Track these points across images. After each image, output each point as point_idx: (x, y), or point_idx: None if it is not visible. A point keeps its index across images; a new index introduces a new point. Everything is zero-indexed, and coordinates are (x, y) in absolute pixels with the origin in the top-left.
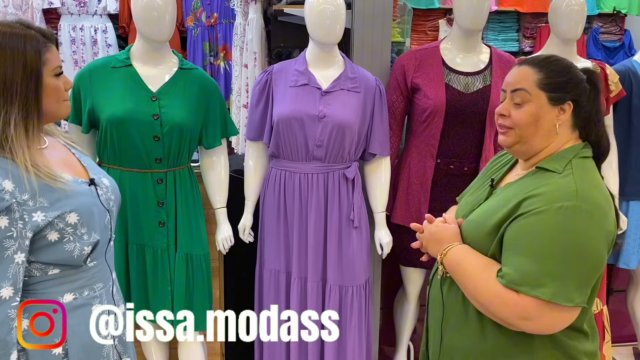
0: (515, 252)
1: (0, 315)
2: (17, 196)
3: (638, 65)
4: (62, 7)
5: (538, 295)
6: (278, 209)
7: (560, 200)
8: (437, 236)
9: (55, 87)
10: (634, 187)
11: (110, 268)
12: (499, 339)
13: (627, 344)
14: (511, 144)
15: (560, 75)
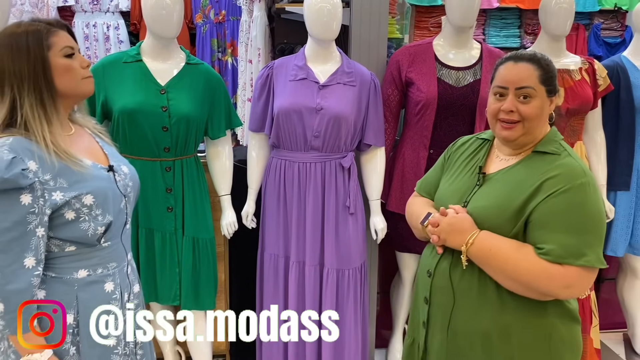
0: (552, 229)
1: (25, 282)
2: (39, 176)
3: (627, 61)
4: (76, 5)
5: (583, 264)
6: (278, 196)
7: (576, 178)
8: (457, 227)
9: (66, 65)
10: (622, 178)
11: (125, 249)
12: (517, 313)
13: (617, 330)
14: (517, 137)
15: (552, 70)
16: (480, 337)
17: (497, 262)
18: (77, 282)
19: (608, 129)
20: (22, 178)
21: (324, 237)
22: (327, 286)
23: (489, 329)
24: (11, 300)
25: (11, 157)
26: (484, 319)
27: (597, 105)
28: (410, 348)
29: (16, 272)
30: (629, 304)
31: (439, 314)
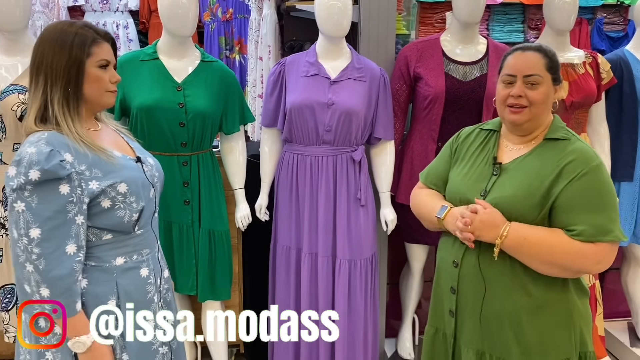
0: (580, 211)
1: (67, 268)
2: (75, 166)
3: (629, 54)
4: (86, 5)
5: (612, 239)
6: (290, 190)
7: (591, 161)
8: (490, 222)
9: (97, 76)
10: (625, 169)
11: (155, 236)
12: (545, 292)
13: (621, 319)
14: (525, 121)
15: (556, 60)
16: (510, 319)
17: (532, 250)
18: (115, 270)
19: (611, 121)
20: (60, 169)
21: (335, 228)
22: (339, 277)
23: (518, 310)
24: (56, 286)
25: (49, 149)
26: (513, 302)
27: (600, 98)
28: (434, 337)
29: (59, 258)
30: (633, 292)
31: (470, 301)
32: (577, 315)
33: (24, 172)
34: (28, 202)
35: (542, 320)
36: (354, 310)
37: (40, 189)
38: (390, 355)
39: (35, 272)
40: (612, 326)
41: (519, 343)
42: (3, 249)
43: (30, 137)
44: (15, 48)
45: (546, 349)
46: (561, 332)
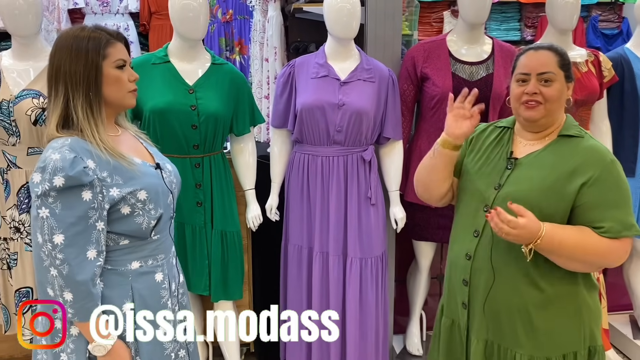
0: (603, 208)
1: (89, 273)
2: (97, 173)
3: (630, 52)
4: (86, 7)
5: (634, 233)
6: (302, 190)
7: (606, 157)
8: (529, 231)
9: (115, 77)
10: (627, 165)
11: (172, 241)
12: (555, 287)
13: (624, 312)
14: (540, 117)
15: (567, 59)
16: (519, 311)
17: (565, 252)
18: (131, 273)
19: (613, 118)
20: (84, 175)
21: (347, 227)
22: (350, 275)
23: (527, 303)
24: (79, 290)
25: (73, 155)
26: (522, 295)
27: (602, 96)
28: (451, 329)
29: (81, 264)
30: (635, 286)
31: (480, 293)
32: (586, 309)
33: (49, 178)
34: (52, 208)
35: (551, 314)
36: (365, 308)
37: (64, 195)
38: (399, 352)
39: (59, 276)
40: (615, 319)
41: (527, 335)
42: (18, 253)
43: (52, 143)
44: (27, 53)
45: (555, 342)
46: (570, 326)
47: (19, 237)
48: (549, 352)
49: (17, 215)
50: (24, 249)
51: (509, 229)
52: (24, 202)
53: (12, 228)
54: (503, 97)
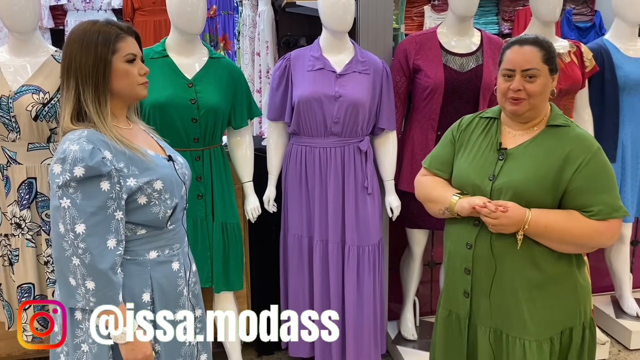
0: (593, 193)
1: (110, 262)
2: (115, 164)
3: (609, 43)
4: (69, 4)
5: (623, 214)
6: (300, 181)
7: (592, 145)
8: (512, 219)
9: (125, 70)
10: (608, 151)
11: (185, 231)
12: (554, 268)
13: (605, 293)
14: (524, 111)
15: (553, 51)
16: (522, 293)
17: (554, 235)
18: (149, 263)
19: (594, 106)
20: (103, 165)
21: (344, 216)
22: (348, 262)
23: (529, 285)
24: (101, 279)
25: (91, 146)
26: (525, 277)
27: (584, 85)
28: (448, 319)
29: (103, 252)
30: (616, 267)
31: (483, 281)
32: (580, 286)
33: (69, 169)
34: (73, 199)
35: (551, 293)
36: (362, 294)
37: (84, 185)
38: (394, 337)
39: (81, 265)
40: (597, 300)
41: (532, 317)
42: (19, 249)
43: (69, 135)
44: (24, 48)
45: (554, 320)
46: (568, 304)
47: (20, 233)
48: (552, 331)
49: (17, 212)
50: (25, 245)
51: (493, 220)
52: (24, 198)
53: (13, 224)
54: (492, 87)
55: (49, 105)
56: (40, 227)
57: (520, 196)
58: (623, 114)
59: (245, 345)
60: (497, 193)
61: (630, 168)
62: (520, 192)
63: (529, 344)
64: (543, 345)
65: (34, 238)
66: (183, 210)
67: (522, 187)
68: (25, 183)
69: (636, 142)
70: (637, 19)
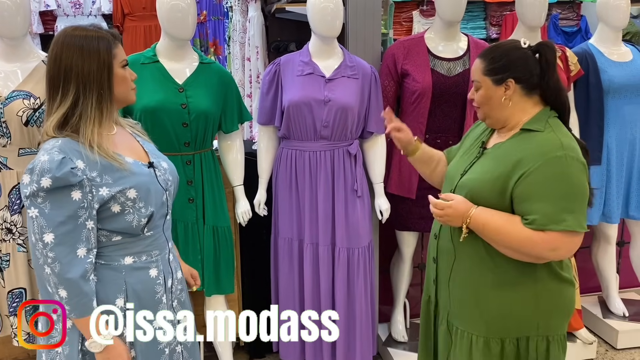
0: (533, 201)
1: (80, 270)
2: (87, 173)
3: (593, 48)
4: (58, 9)
5: (564, 229)
6: (290, 184)
7: (550, 152)
8: (455, 213)
9: (123, 76)
10: (594, 154)
11: (167, 238)
12: (509, 272)
13: (592, 293)
14: (482, 118)
15: (497, 61)
16: (474, 291)
17: (491, 235)
18: (124, 268)
19: (580, 110)
20: (71, 176)
21: (334, 219)
22: (339, 264)
23: (482, 285)
24: (72, 287)
25: (61, 157)
26: (478, 276)
27: (570, 89)
28: (427, 305)
29: (72, 261)
30: (603, 268)
31: (444, 270)
32: (546, 300)
33: (37, 179)
34: (41, 208)
35: (504, 298)
36: (353, 296)
37: (53, 195)
38: (384, 339)
39: (52, 274)
40: (585, 300)
41: (480, 315)
42: (10, 254)
43: (45, 145)
44: (14, 54)
45: (507, 324)
46: (523, 310)
47: (11, 238)
48: (502, 334)
49: (8, 217)
50: (16, 250)
51: (438, 210)
52: (15, 203)
53: (4, 229)
54: None
55: (39, 111)
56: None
57: (473, 195)
58: (608, 117)
59: (237, 348)
60: (458, 188)
61: (615, 170)
62: (473, 191)
63: (476, 339)
64: (491, 344)
65: (25, 243)
66: (164, 217)
67: (475, 186)
68: (16, 188)
69: (621, 145)
70: (620, 24)
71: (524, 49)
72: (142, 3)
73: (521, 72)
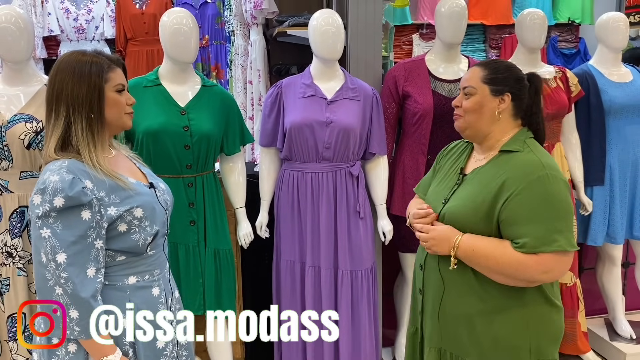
0: (521, 224)
1: (91, 290)
2: (95, 193)
3: (593, 69)
4: (62, 35)
5: (556, 249)
6: (292, 206)
7: (533, 173)
8: (442, 236)
9: (115, 100)
10: (596, 174)
11: (166, 257)
12: (498, 299)
13: (598, 315)
14: (462, 128)
15: (500, 73)
16: (466, 322)
17: (481, 261)
18: (128, 288)
19: (581, 130)
20: (83, 195)
21: (337, 241)
22: (342, 287)
23: (472, 314)
24: (84, 307)
25: (71, 177)
26: (468, 305)
27: (571, 110)
28: (414, 336)
29: (83, 281)
30: (609, 289)
31: (430, 302)
32: (536, 324)
33: (49, 199)
34: (53, 228)
35: (495, 325)
36: (357, 320)
37: (64, 215)
38: None
39: (64, 294)
40: (591, 323)
41: (472, 344)
42: (10, 278)
43: (49, 165)
44: (18, 78)
45: (499, 351)
46: (515, 338)
47: (11, 262)
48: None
49: (9, 240)
50: (16, 274)
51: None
52: (16, 227)
53: (4, 253)
54: None
55: (41, 134)
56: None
57: (457, 222)
58: (609, 137)
59: None
60: (442, 217)
61: (619, 191)
62: (458, 218)
63: None
64: None
65: (26, 267)
66: (164, 236)
67: (459, 213)
68: (17, 212)
69: (623, 165)
70: (620, 46)
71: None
72: (144, 28)
73: (518, 90)
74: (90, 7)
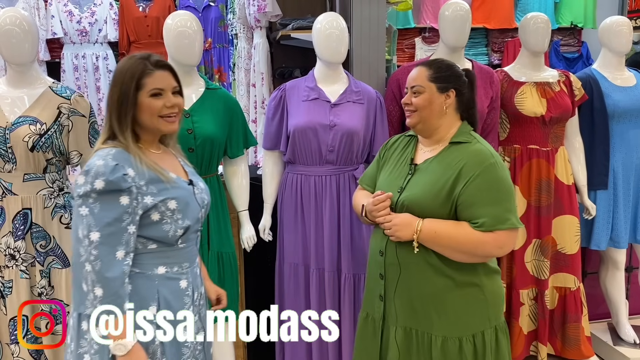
0: (478, 206)
1: (118, 271)
2: (136, 181)
3: (597, 73)
4: (65, 37)
5: (509, 227)
6: (296, 209)
7: (484, 161)
8: (404, 222)
9: (147, 105)
10: (600, 178)
11: (197, 252)
12: (454, 275)
13: (602, 320)
14: (414, 124)
15: (443, 71)
16: (432, 298)
17: (443, 242)
18: (157, 278)
19: (585, 134)
20: (123, 181)
21: (340, 244)
22: (345, 290)
23: (439, 291)
24: (109, 286)
25: (114, 163)
26: (432, 283)
27: (574, 114)
28: (365, 321)
29: (112, 262)
30: (612, 294)
31: (394, 285)
32: (488, 292)
33: (91, 181)
34: (91, 208)
35: (459, 297)
36: None
37: (103, 197)
38: None
39: (92, 271)
40: (594, 327)
41: (440, 318)
42: (13, 280)
43: (99, 152)
44: (21, 80)
45: (464, 323)
46: (477, 309)
47: (14, 264)
48: (460, 332)
49: (12, 243)
50: (19, 277)
51: (387, 223)
52: (19, 229)
53: (7, 255)
54: (484, 114)
55: (45, 136)
56: (35, 258)
57: (417, 209)
58: (613, 141)
59: None
60: (400, 205)
61: (622, 195)
62: (418, 205)
63: (435, 338)
64: (449, 342)
65: (28, 269)
66: (197, 232)
67: (419, 200)
68: (20, 214)
69: (627, 169)
70: (623, 49)
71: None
72: (147, 31)
73: (460, 86)
74: (93, 10)
